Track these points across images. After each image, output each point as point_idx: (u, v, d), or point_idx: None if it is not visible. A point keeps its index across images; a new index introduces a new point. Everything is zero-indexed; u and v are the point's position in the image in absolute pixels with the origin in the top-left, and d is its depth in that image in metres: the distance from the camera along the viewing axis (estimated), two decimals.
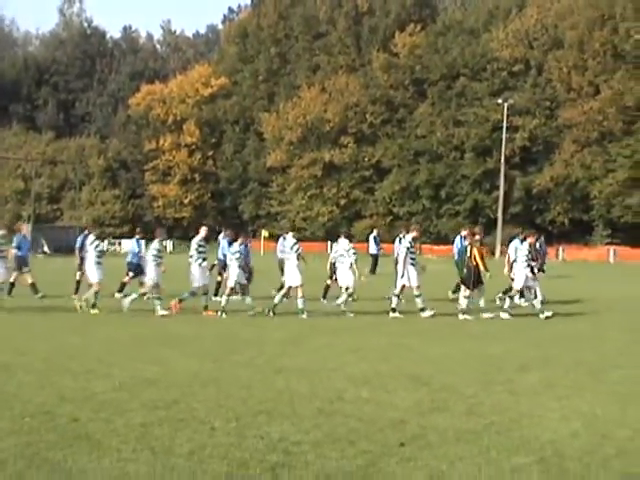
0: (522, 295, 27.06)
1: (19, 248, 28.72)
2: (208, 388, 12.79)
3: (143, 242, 29.72)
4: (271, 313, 24.26)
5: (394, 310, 24.74)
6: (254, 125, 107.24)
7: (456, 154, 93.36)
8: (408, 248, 25.36)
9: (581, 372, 14.99)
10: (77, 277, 29.17)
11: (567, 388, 13.33)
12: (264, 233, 76.82)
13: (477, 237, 25.99)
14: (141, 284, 27.40)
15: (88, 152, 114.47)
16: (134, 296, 25.21)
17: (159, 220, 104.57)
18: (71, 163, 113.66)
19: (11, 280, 27.83)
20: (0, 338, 18.72)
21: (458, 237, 29.21)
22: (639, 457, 9.21)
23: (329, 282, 28.91)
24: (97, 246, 25.56)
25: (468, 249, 25.20)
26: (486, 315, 24.64)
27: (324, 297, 28.43)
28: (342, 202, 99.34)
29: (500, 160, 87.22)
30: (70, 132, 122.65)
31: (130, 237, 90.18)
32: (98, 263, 25.32)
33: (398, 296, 25.21)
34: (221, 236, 30.72)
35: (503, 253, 57.90)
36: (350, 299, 25.92)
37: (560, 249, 76.13)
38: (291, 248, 25.52)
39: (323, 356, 16.51)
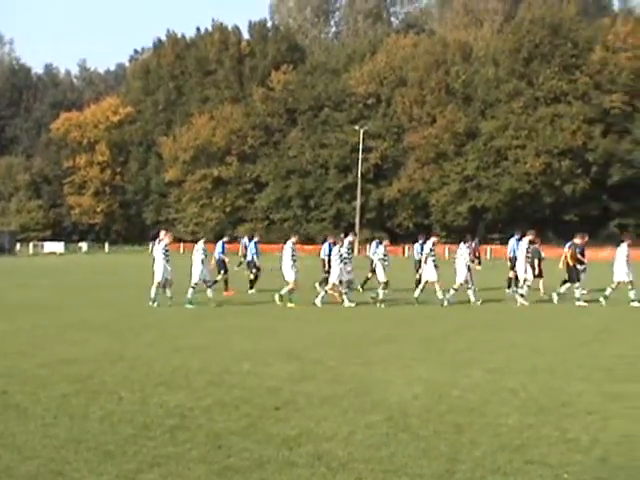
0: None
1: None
2: (117, 364, 12.63)
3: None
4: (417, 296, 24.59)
5: (522, 296, 24.58)
6: (155, 146, 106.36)
7: (322, 171, 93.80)
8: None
9: (422, 346, 15.23)
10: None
11: (411, 359, 13.51)
12: None
13: (576, 241, 25.75)
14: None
15: (16, 169, 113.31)
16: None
17: (76, 225, 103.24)
18: (1, 178, 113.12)
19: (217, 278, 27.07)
20: None
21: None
22: (466, 411, 9.42)
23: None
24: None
25: (567, 252, 25.37)
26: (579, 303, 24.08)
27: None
28: (228, 209, 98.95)
29: (357, 176, 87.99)
30: (1, 152, 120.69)
31: (53, 240, 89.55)
32: (293, 264, 23.98)
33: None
34: None
35: (360, 252, 57.90)
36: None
37: (406, 247, 76.80)
38: (421, 252, 25.87)
39: (213, 337, 16.42)
